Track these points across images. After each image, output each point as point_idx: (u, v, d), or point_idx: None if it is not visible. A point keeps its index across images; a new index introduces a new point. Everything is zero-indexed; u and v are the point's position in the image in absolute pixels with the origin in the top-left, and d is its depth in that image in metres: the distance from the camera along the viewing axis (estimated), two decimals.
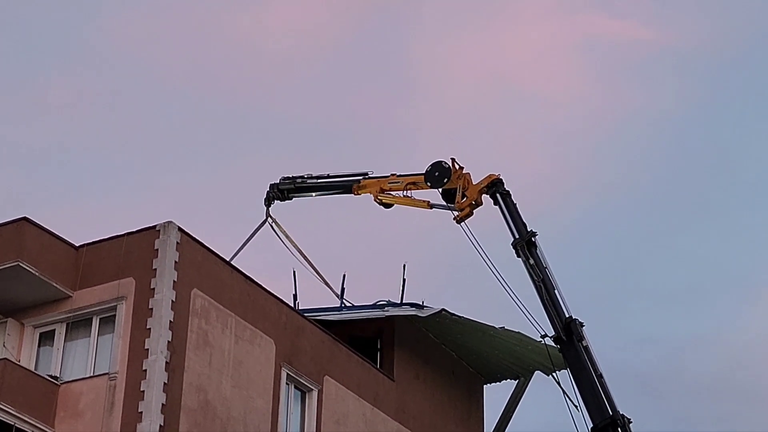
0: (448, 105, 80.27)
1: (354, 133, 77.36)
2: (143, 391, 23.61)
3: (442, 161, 26.89)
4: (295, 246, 31.05)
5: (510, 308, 27.22)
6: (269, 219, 30.56)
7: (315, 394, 28.33)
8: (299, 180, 29.91)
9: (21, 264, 24.49)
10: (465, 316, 30.71)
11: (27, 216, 25.13)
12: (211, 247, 26.26)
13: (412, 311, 30.46)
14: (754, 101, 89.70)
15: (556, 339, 23.97)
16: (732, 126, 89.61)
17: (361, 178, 28.72)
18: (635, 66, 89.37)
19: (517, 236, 24.91)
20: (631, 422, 22.75)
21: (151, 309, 24.43)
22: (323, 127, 76.62)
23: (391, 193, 28.16)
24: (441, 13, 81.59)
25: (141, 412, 23.44)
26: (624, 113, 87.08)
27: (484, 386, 34.55)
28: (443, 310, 30.04)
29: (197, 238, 25.74)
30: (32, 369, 24.86)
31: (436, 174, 26.77)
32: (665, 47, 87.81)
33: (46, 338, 25.83)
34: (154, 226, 25.22)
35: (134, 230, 25.58)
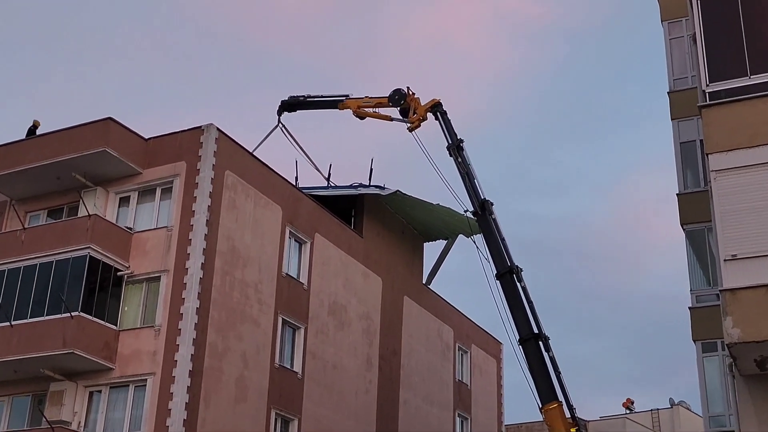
0: (408, 54, 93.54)
1: (342, 68, 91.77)
2: (191, 239, 26.81)
3: (401, 89, 28.87)
4: (297, 143, 33.81)
5: (443, 191, 31.10)
6: (280, 124, 33.23)
7: (308, 245, 31.71)
8: (301, 98, 32.29)
9: (107, 150, 27.78)
10: (413, 195, 34.85)
11: (111, 116, 28.54)
12: (239, 142, 29.30)
13: (376, 191, 34.02)
14: (606, 59, 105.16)
15: (474, 213, 25.71)
16: (592, 77, 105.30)
17: (344, 98, 30.84)
18: (529, 33, 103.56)
19: (450, 141, 26.62)
20: (522, 270, 24.75)
21: (197, 183, 27.48)
22: (321, 66, 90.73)
23: (365, 109, 30.12)
24: None
25: (188, 253, 26.82)
26: (522, 65, 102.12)
27: (424, 243, 38.62)
28: (398, 191, 33.91)
29: (229, 135, 28.74)
30: (114, 222, 28.33)
31: (396, 97, 28.72)
32: (551, 21, 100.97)
33: (124, 201, 28.98)
34: (200, 126, 28.34)
35: (186, 128, 28.62)
